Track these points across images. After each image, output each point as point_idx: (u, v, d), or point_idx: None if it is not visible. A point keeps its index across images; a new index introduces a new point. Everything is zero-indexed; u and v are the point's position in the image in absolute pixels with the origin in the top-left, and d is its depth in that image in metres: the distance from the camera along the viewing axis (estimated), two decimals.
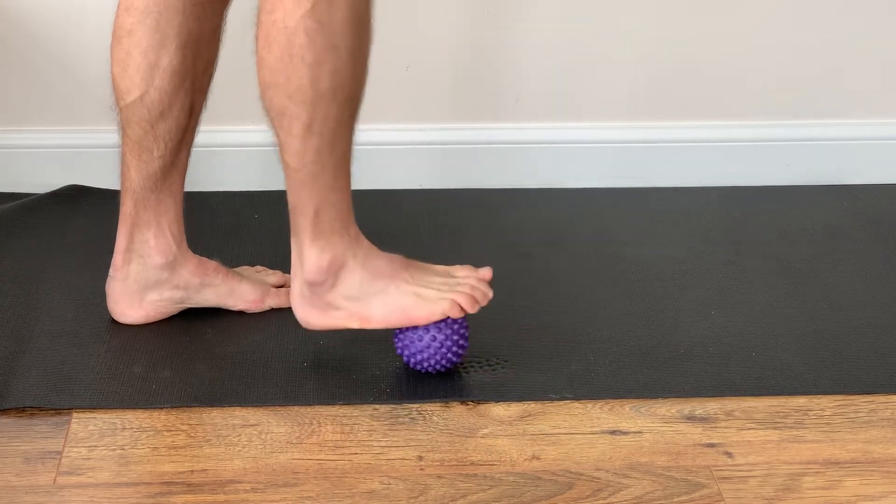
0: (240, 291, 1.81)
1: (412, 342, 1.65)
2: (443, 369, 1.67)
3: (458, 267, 1.69)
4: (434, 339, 1.65)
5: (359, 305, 1.64)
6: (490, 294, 1.66)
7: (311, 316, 1.66)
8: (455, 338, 1.65)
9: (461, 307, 1.64)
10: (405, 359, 1.67)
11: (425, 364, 1.66)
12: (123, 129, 1.71)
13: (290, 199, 1.61)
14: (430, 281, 1.66)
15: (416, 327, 1.65)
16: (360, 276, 1.64)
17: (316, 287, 1.63)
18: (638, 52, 2.20)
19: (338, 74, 1.52)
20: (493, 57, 2.17)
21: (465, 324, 1.67)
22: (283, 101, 1.53)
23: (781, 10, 2.19)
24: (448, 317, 1.64)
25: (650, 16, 2.18)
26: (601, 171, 2.24)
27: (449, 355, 1.66)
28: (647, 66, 2.21)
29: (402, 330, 1.66)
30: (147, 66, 1.66)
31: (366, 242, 1.65)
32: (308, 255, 1.62)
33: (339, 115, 1.55)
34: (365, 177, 2.18)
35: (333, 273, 1.63)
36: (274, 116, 1.55)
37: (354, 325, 1.66)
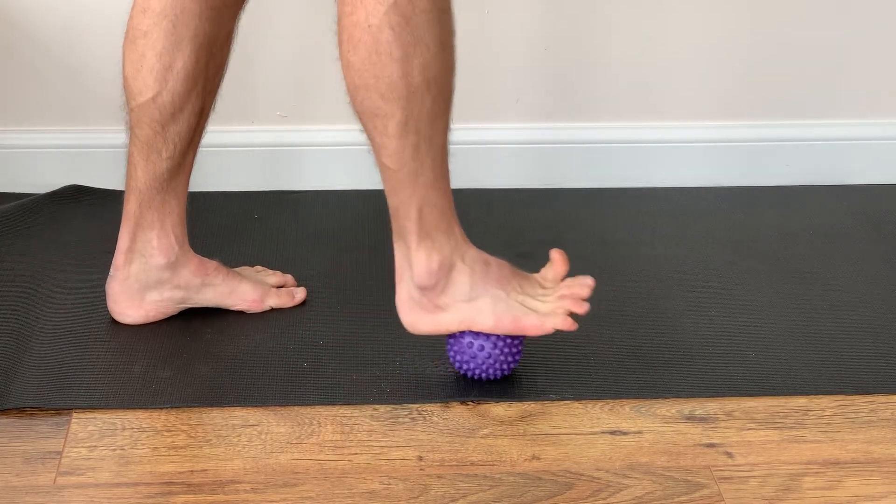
0: (240, 291, 1.81)
1: (469, 352, 1.64)
2: (495, 377, 1.67)
3: (558, 278, 1.67)
4: (495, 346, 1.63)
5: (468, 308, 1.62)
6: (586, 307, 1.64)
7: (420, 321, 1.64)
8: (513, 349, 1.65)
9: (567, 322, 1.63)
10: (457, 366, 1.66)
11: (478, 371, 1.65)
12: (132, 130, 1.71)
13: (391, 201, 1.59)
14: (537, 292, 1.65)
15: (474, 336, 1.63)
16: (470, 278, 1.62)
17: (427, 290, 1.62)
18: (637, 52, 2.20)
19: (428, 67, 1.50)
20: (492, 57, 2.17)
21: (522, 339, 1.66)
22: (376, 101, 1.51)
23: (782, 9, 2.19)
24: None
25: (650, 15, 2.18)
26: (601, 171, 2.24)
27: (506, 366, 1.65)
28: (647, 66, 2.21)
29: (455, 338, 1.65)
30: (161, 68, 1.66)
31: (472, 246, 1.63)
32: (416, 258, 1.60)
33: (434, 108, 1.53)
34: (365, 177, 2.18)
35: (444, 276, 1.61)
36: (367, 119, 1.53)
37: (462, 328, 1.63)
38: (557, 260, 1.67)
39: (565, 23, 2.18)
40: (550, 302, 1.64)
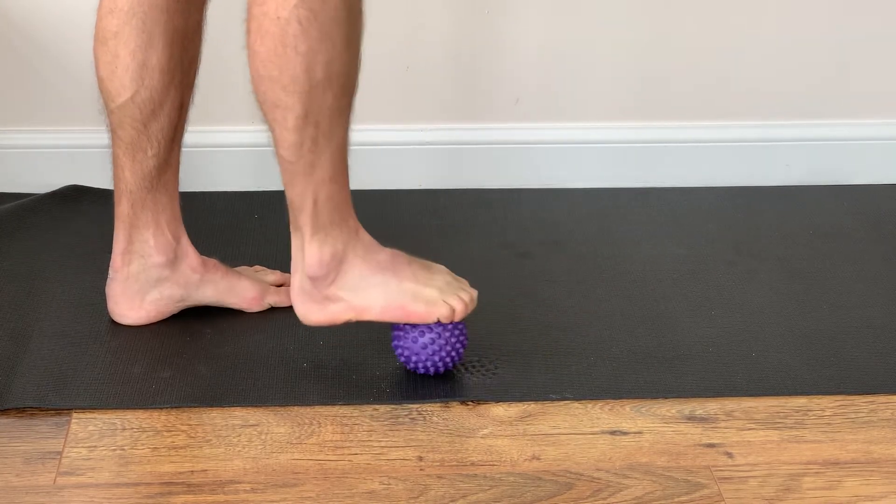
0: (239, 289, 1.81)
1: (410, 343, 1.65)
2: (439, 371, 1.67)
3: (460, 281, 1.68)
4: (433, 340, 1.64)
5: (357, 297, 1.64)
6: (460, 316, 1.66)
7: (310, 311, 1.66)
8: (453, 340, 1.65)
9: (454, 314, 1.64)
10: (402, 359, 1.67)
11: (421, 365, 1.66)
12: (114, 131, 1.71)
13: (288, 193, 1.61)
14: (431, 280, 1.66)
15: (415, 327, 1.65)
16: (360, 269, 1.63)
17: (317, 281, 1.63)
18: (637, 52, 2.20)
19: (332, 64, 1.52)
20: (492, 57, 2.17)
21: (464, 326, 1.67)
22: (277, 92, 1.52)
23: (782, 10, 2.19)
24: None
25: (650, 15, 2.18)
26: (601, 171, 2.24)
27: (447, 358, 1.65)
28: (647, 66, 2.21)
29: (399, 329, 1.66)
30: (136, 67, 1.66)
31: (366, 235, 1.65)
32: (309, 249, 1.62)
33: (335, 105, 1.55)
34: (365, 177, 2.19)
35: (335, 267, 1.63)
36: (268, 109, 1.55)
37: (351, 316, 1.65)
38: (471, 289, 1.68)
39: (565, 23, 2.18)
40: (446, 293, 1.64)
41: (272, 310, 1.82)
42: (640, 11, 2.17)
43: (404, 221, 2.09)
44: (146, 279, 1.76)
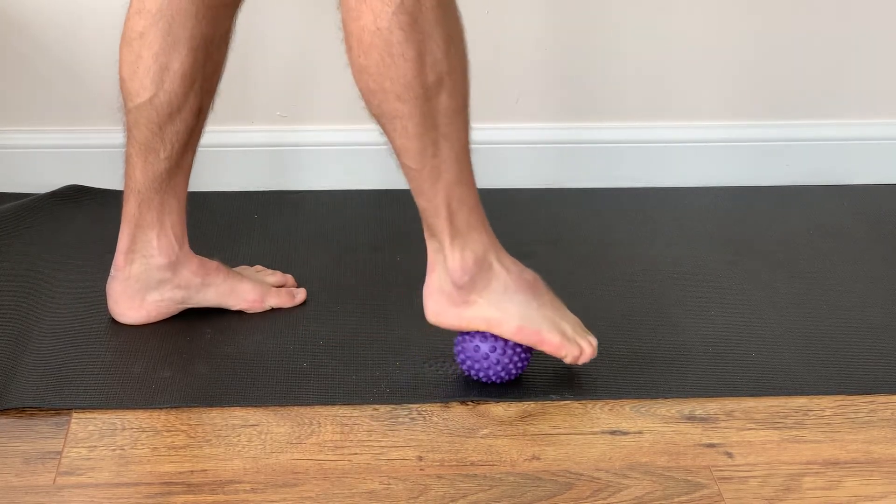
0: (240, 291, 1.81)
1: (476, 355, 1.64)
2: (499, 380, 1.66)
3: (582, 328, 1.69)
4: (494, 350, 1.63)
5: (495, 309, 1.61)
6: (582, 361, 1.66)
7: (444, 313, 1.63)
8: (519, 351, 1.64)
9: (581, 356, 1.64)
10: (464, 367, 1.66)
11: (483, 374, 1.65)
12: (130, 131, 1.71)
13: (419, 202, 1.58)
14: (566, 315, 1.65)
15: (485, 339, 1.63)
16: (506, 281, 1.61)
17: (463, 288, 1.61)
18: (637, 52, 2.20)
19: (439, 64, 1.50)
20: (492, 57, 2.17)
21: (529, 349, 1.66)
22: (393, 103, 1.50)
23: (782, 10, 2.19)
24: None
25: (649, 15, 2.18)
26: (601, 171, 2.24)
27: (512, 372, 1.65)
28: (647, 66, 2.21)
29: (465, 338, 1.64)
30: (158, 69, 1.65)
31: (499, 243, 1.63)
32: (451, 256, 1.60)
33: (451, 105, 1.53)
34: (365, 177, 2.19)
35: (480, 273, 1.61)
36: (386, 122, 1.52)
37: (483, 327, 1.63)
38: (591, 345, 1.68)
39: (566, 23, 2.18)
40: (578, 334, 1.65)
41: (272, 310, 1.83)
42: (641, 11, 2.17)
43: (405, 221, 2.09)
44: (147, 280, 1.76)
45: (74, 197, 2.13)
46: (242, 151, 2.19)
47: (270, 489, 1.49)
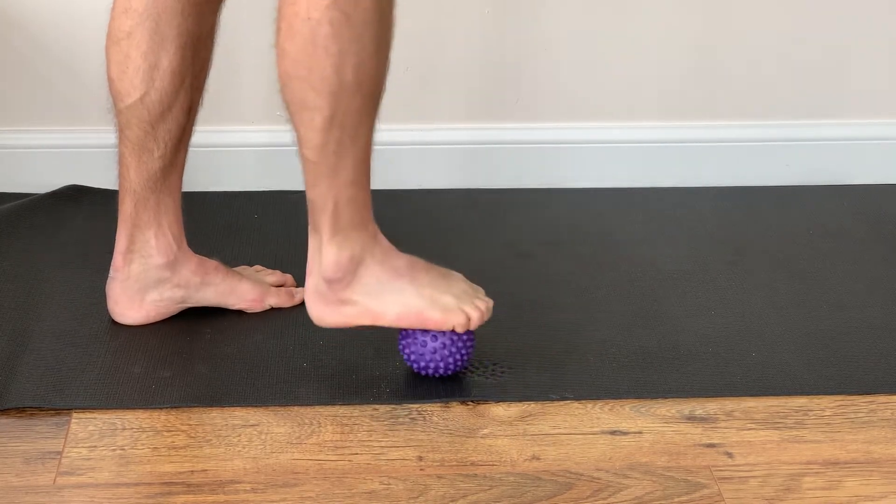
0: (240, 290, 1.81)
1: (418, 347, 1.65)
2: (446, 374, 1.67)
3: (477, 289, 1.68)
4: (443, 345, 1.64)
5: (373, 302, 1.63)
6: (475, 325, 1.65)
7: (324, 313, 1.65)
8: (460, 345, 1.65)
9: (469, 322, 1.64)
10: (409, 362, 1.67)
11: (429, 369, 1.66)
12: (122, 131, 1.71)
13: (309, 194, 1.60)
14: (448, 288, 1.65)
15: (424, 332, 1.64)
16: (378, 274, 1.63)
17: (333, 284, 1.63)
18: (638, 53, 2.20)
19: (362, 66, 1.51)
20: (492, 57, 2.17)
21: (471, 332, 1.66)
22: (306, 92, 1.52)
23: (782, 10, 2.19)
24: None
25: (649, 16, 2.18)
26: (601, 171, 2.24)
27: (455, 363, 1.65)
28: (647, 67, 2.21)
29: (408, 333, 1.66)
30: (147, 68, 1.66)
31: (384, 240, 1.64)
32: (327, 251, 1.61)
33: (362, 107, 1.54)
34: None
35: (352, 270, 1.62)
36: (295, 110, 1.54)
37: (366, 321, 1.64)
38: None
39: (565, 23, 2.18)
40: (463, 301, 1.64)
41: (272, 310, 1.83)
42: (639, 11, 2.17)
43: (405, 221, 2.09)
44: (146, 280, 1.76)
45: (74, 197, 2.13)
46: (242, 151, 2.19)
47: (270, 489, 1.49)
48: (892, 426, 1.62)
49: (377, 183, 2.18)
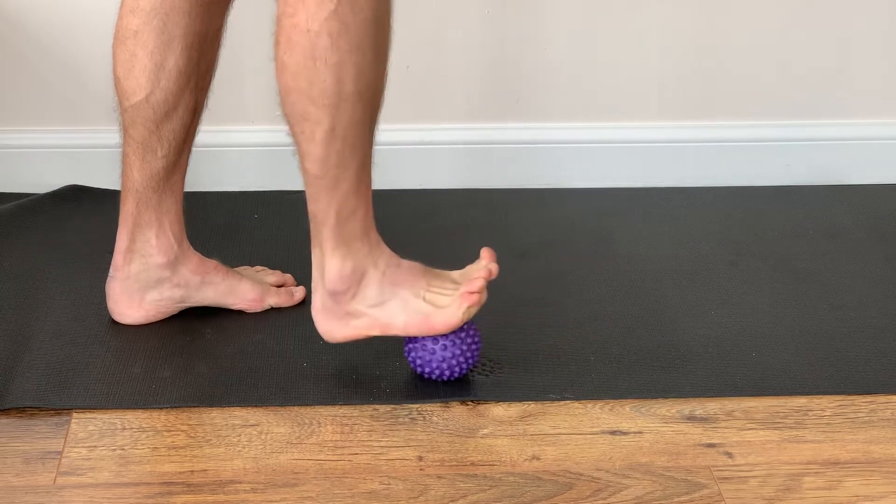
0: (240, 290, 1.81)
1: (425, 353, 1.64)
2: (453, 378, 1.67)
3: (470, 268, 1.68)
4: (445, 348, 1.64)
5: (380, 312, 1.63)
6: (475, 298, 1.63)
7: (334, 328, 1.65)
8: (464, 348, 1.65)
9: (469, 303, 1.63)
10: (416, 369, 1.67)
11: (436, 374, 1.66)
12: (126, 130, 1.71)
13: (311, 207, 1.59)
14: (444, 287, 1.65)
15: (427, 338, 1.64)
16: (380, 284, 1.62)
17: (338, 296, 1.62)
18: (638, 53, 2.20)
19: (362, 76, 1.50)
20: (492, 57, 2.17)
21: (476, 334, 1.66)
22: (306, 105, 1.51)
23: (782, 10, 2.19)
24: (464, 325, 1.63)
25: (650, 17, 2.18)
26: (601, 171, 2.24)
27: (460, 366, 1.65)
28: (647, 67, 2.21)
29: (412, 340, 1.65)
30: (153, 67, 1.66)
31: (386, 249, 1.64)
32: (330, 263, 1.61)
33: (363, 117, 1.53)
34: None
35: (356, 281, 1.62)
36: (295, 122, 1.53)
37: (376, 332, 1.64)
38: (482, 255, 1.67)
39: (565, 23, 2.18)
40: (455, 293, 1.64)
41: (272, 310, 1.83)
42: (639, 12, 2.17)
43: (404, 221, 2.09)
44: (147, 279, 1.76)
45: (74, 197, 2.13)
46: (242, 151, 2.19)
47: (270, 489, 1.49)
48: (892, 426, 1.62)
49: (377, 183, 2.18)
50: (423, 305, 1.63)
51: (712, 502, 1.48)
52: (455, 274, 1.68)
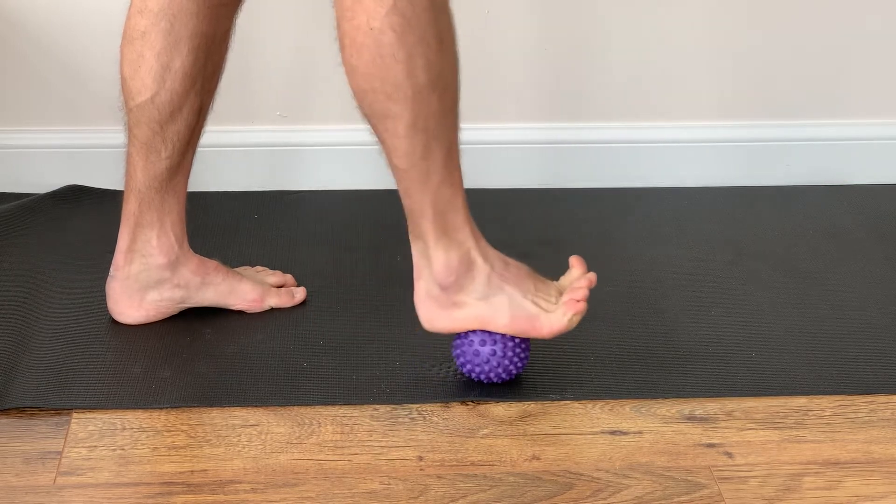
0: (240, 291, 1.81)
1: (478, 358, 1.64)
2: (500, 380, 1.66)
3: (566, 277, 1.68)
4: (494, 353, 1.63)
5: (484, 306, 1.62)
6: (580, 307, 1.64)
7: (436, 317, 1.64)
8: (517, 351, 1.64)
9: (574, 311, 1.63)
10: (465, 370, 1.66)
11: (484, 376, 1.65)
12: (131, 130, 1.71)
13: (406, 202, 1.59)
14: (549, 293, 1.65)
15: (476, 335, 1.63)
16: (488, 276, 1.62)
17: (448, 288, 1.62)
18: (637, 52, 2.20)
19: (431, 66, 1.50)
20: (492, 57, 2.17)
21: (528, 348, 1.66)
22: (384, 103, 1.51)
23: (782, 10, 2.19)
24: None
25: (649, 15, 2.18)
26: (601, 171, 2.24)
27: (508, 371, 1.65)
28: (647, 66, 2.21)
29: (463, 342, 1.64)
30: (159, 68, 1.66)
31: (485, 241, 1.64)
32: (435, 256, 1.60)
33: (441, 106, 1.53)
34: (364, 177, 2.19)
35: (463, 272, 1.61)
36: (377, 122, 1.53)
37: (475, 326, 1.63)
38: (573, 265, 1.67)
39: (565, 23, 2.18)
40: (560, 303, 1.64)
41: (272, 310, 1.83)
42: (639, 11, 2.17)
43: (404, 221, 2.09)
44: (147, 279, 1.76)
45: (74, 197, 2.13)
46: (242, 151, 2.19)
47: (270, 489, 1.49)
48: (892, 426, 1.62)
49: (378, 183, 2.19)
50: (530, 306, 1.62)
51: (712, 502, 1.48)
52: (557, 284, 1.67)
